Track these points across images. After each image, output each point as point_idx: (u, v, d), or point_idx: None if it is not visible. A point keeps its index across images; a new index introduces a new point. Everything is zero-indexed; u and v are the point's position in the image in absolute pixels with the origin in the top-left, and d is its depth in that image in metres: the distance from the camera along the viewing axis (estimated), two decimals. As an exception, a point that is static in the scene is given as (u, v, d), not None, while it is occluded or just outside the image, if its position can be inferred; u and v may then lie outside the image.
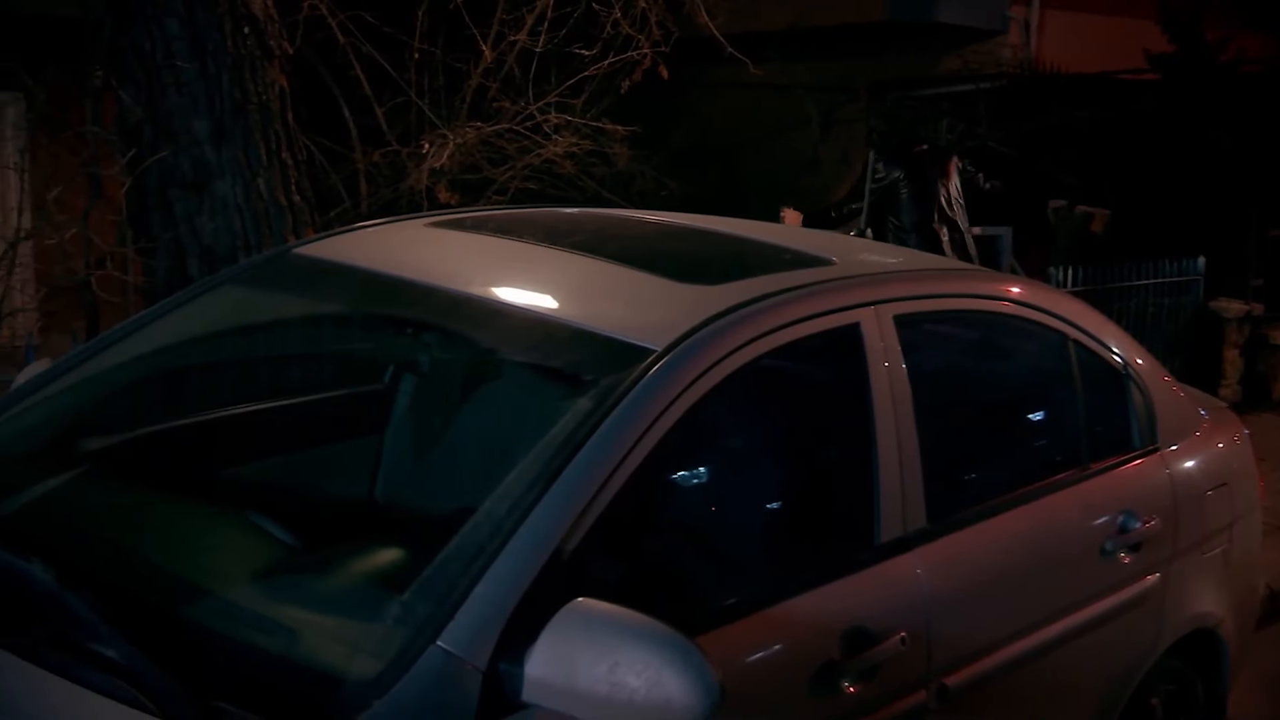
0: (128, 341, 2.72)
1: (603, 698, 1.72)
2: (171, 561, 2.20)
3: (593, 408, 2.06)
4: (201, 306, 2.81)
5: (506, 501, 1.95)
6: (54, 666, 1.77)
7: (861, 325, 2.47)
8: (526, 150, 6.91)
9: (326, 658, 1.86)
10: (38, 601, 1.92)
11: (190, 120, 4.59)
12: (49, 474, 2.50)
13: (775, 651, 2.15)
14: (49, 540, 2.16)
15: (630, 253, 2.73)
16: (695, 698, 1.70)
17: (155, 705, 1.70)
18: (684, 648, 1.74)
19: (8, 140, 7.01)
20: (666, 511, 2.35)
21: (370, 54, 6.51)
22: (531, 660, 1.76)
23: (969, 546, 2.54)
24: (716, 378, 2.18)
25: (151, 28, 4.50)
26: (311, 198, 5.16)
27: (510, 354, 2.54)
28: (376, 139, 6.92)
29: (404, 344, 3.02)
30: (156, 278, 4.76)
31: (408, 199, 6.69)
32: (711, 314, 2.26)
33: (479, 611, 1.80)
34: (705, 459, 2.42)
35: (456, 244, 2.87)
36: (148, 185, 4.71)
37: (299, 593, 2.11)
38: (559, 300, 2.44)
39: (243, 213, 4.74)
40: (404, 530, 2.61)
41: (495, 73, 6.79)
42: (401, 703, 1.71)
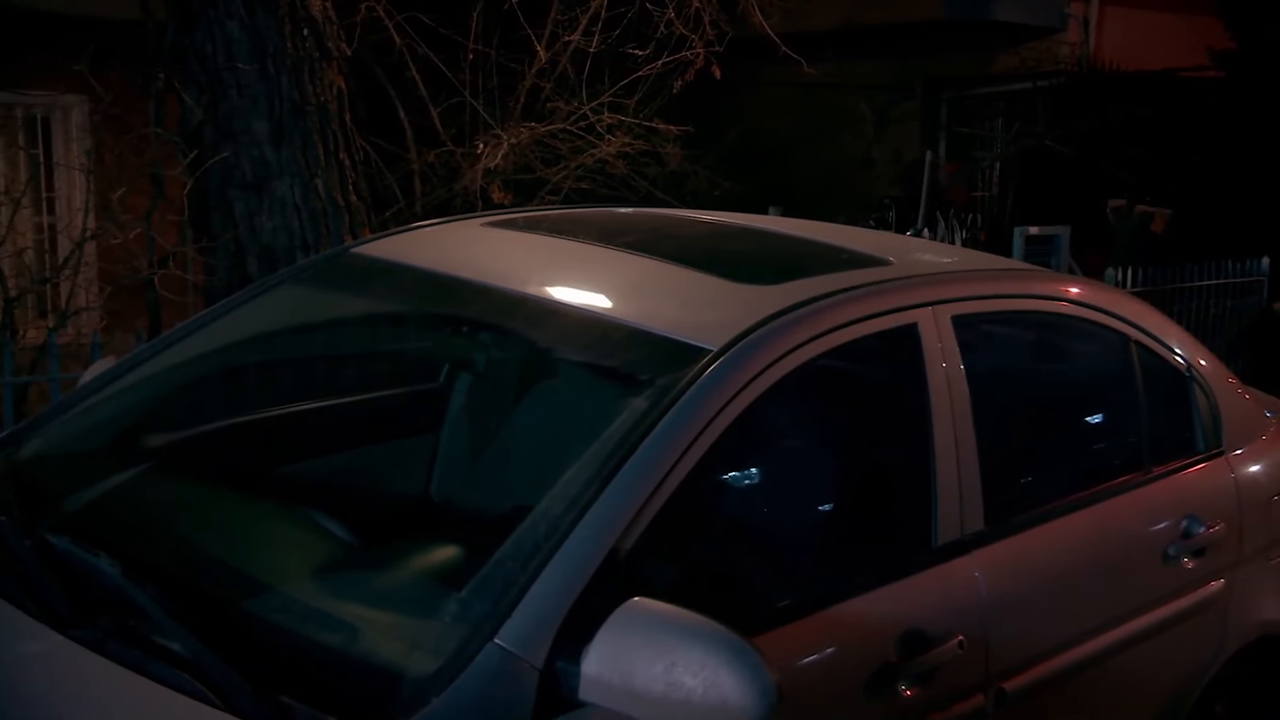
0: (190, 340, 2.76)
1: (659, 697, 1.72)
2: (233, 556, 2.23)
3: (648, 408, 2.06)
4: (262, 305, 2.84)
5: (563, 501, 1.95)
6: (121, 659, 1.80)
7: (919, 326, 2.45)
8: (579, 150, 6.94)
9: (385, 654, 1.87)
10: (104, 595, 1.95)
11: (250, 121, 4.67)
12: (115, 470, 2.54)
13: (830, 653, 2.14)
14: (115, 535, 2.20)
15: (686, 252, 2.73)
16: (752, 699, 1.70)
17: (219, 698, 1.72)
18: (740, 648, 1.73)
19: (73, 141, 7.16)
20: (721, 512, 2.35)
21: (426, 55, 6.57)
22: (588, 659, 1.76)
23: (1028, 550, 2.51)
24: (773, 378, 2.17)
25: (213, 30, 4.58)
26: (368, 198, 5.23)
27: (566, 353, 2.55)
28: (431, 139, 6.99)
29: (460, 343, 3.03)
30: (217, 277, 4.85)
31: (462, 199, 6.74)
32: (768, 314, 2.25)
33: (536, 610, 1.80)
34: (761, 460, 2.41)
35: (512, 244, 2.89)
36: (209, 186, 4.79)
37: (358, 589, 2.13)
38: (614, 300, 2.44)
39: (301, 212, 4.80)
40: (459, 528, 2.63)
41: (549, 73, 6.82)
42: (459, 699, 1.72)
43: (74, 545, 2.06)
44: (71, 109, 7.21)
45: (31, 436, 2.57)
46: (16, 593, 1.97)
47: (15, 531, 2.14)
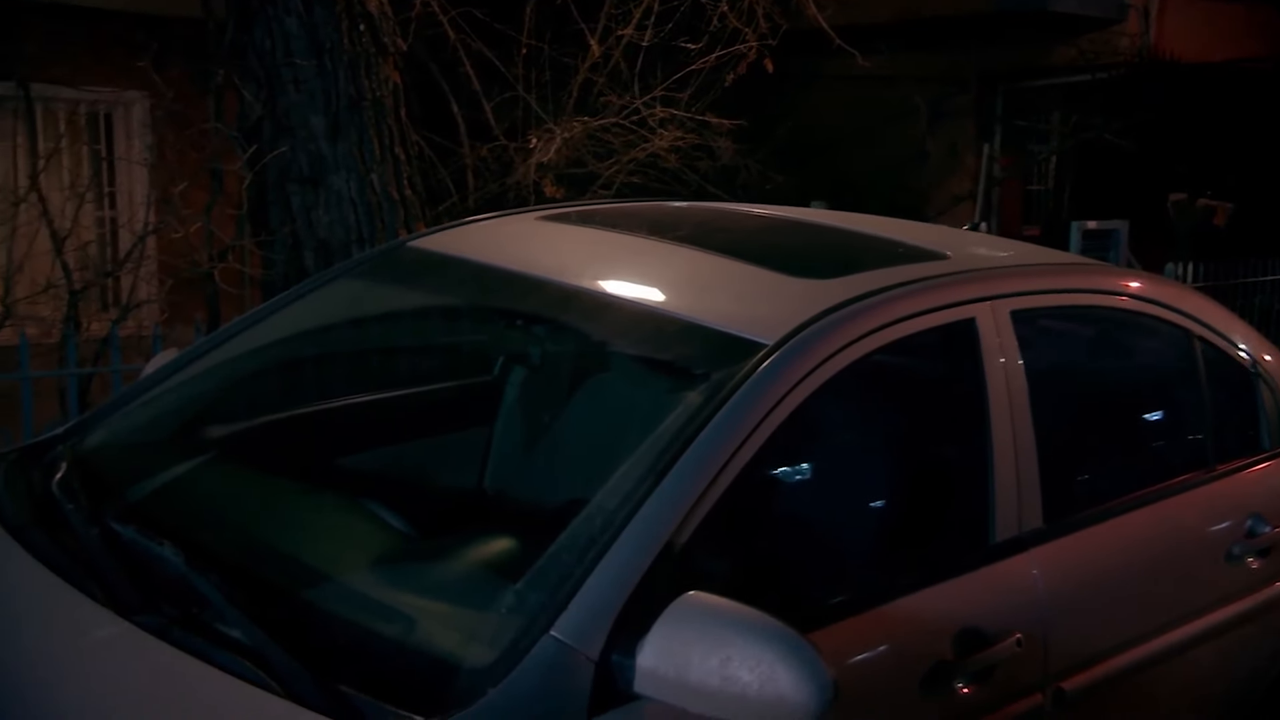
0: (250, 333, 2.80)
1: (714, 691, 1.72)
2: (292, 546, 2.26)
3: (703, 402, 2.06)
4: (319, 299, 2.88)
5: (618, 494, 1.96)
6: (185, 646, 1.83)
7: (977, 321, 2.43)
8: (631, 144, 6.94)
9: (442, 644, 1.89)
10: (168, 582, 1.98)
11: (307, 116, 4.72)
12: (177, 460, 2.58)
13: (886, 650, 2.12)
14: (178, 523, 2.23)
15: (740, 246, 2.72)
16: (808, 694, 1.69)
17: (281, 686, 1.74)
18: (797, 643, 1.72)
19: (134, 137, 7.27)
20: (776, 507, 2.34)
21: (479, 50, 6.60)
22: (643, 652, 1.76)
23: (1087, 548, 2.48)
24: (828, 373, 2.15)
25: (272, 26, 4.63)
26: (422, 192, 5.27)
27: (620, 347, 2.55)
28: (484, 134, 7.02)
29: (514, 336, 3.05)
30: (274, 270, 4.90)
31: (514, 193, 6.77)
32: (824, 308, 2.24)
33: (591, 602, 1.80)
34: (815, 455, 2.40)
35: (567, 237, 2.89)
36: (267, 180, 4.85)
37: (414, 580, 2.15)
38: (669, 294, 2.44)
39: (356, 206, 4.85)
40: (513, 520, 2.64)
41: (601, 67, 6.83)
42: (516, 691, 1.73)
43: (139, 533, 2.09)
44: (133, 105, 7.33)
45: (96, 427, 2.62)
46: (84, 579, 2.00)
47: (82, 520, 2.18)
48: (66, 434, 2.61)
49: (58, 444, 2.55)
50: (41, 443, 2.60)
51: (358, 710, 1.71)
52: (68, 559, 2.07)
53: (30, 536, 2.15)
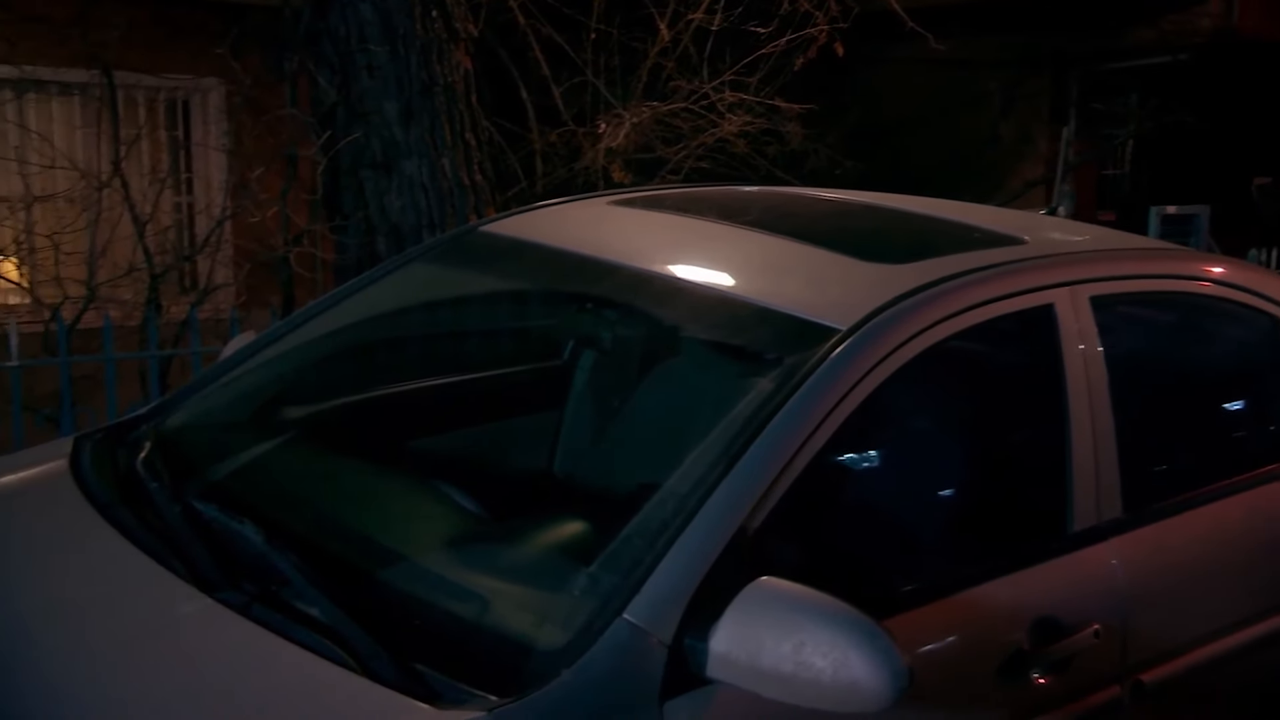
0: (325, 316, 2.84)
1: (787, 677, 1.71)
2: (368, 526, 2.29)
3: (776, 387, 2.05)
4: (393, 283, 2.91)
5: (690, 479, 1.96)
6: (265, 622, 1.86)
7: (1056, 307, 2.39)
8: (700, 129, 6.91)
9: (516, 625, 1.91)
10: (248, 560, 2.03)
11: (381, 102, 4.77)
12: (255, 440, 2.63)
13: (959, 639, 2.10)
14: (257, 502, 2.27)
15: (813, 230, 2.70)
16: (883, 681, 1.68)
17: (359, 664, 1.77)
18: (871, 630, 1.72)
19: (211, 123, 7.40)
20: (848, 494, 2.32)
21: (549, 35, 6.62)
22: (716, 636, 1.76)
23: (1169, 538, 2.43)
24: (903, 359, 2.13)
25: (346, 13, 4.69)
26: (492, 177, 5.30)
27: (692, 331, 2.55)
28: (553, 119, 7.04)
29: (584, 320, 3.06)
30: (347, 254, 4.97)
31: (582, 178, 6.78)
32: (898, 293, 2.21)
33: (664, 586, 1.81)
34: (889, 441, 2.38)
35: (638, 222, 2.89)
36: (340, 166, 4.91)
37: (488, 561, 2.17)
38: (741, 278, 2.43)
39: (428, 192, 4.90)
40: (583, 504, 2.65)
41: (671, 52, 6.81)
42: (589, 673, 1.74)
43: (220, 512, 2.14)
44: (210, 92, 7.45)
45: (178, 407, 2.68)
46: (168, 556, 2.05)
47: (166, 498, 2.23)
48: (150, 414, 2.68)
49: (141, 424, 2.61)
50: (125, 422, 2.67)
51: (433, 689, 1.73)
52: (152, 536, 2.12)
53: (117, 514, 2.20)
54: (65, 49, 5.33)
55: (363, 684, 1.75)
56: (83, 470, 2.39)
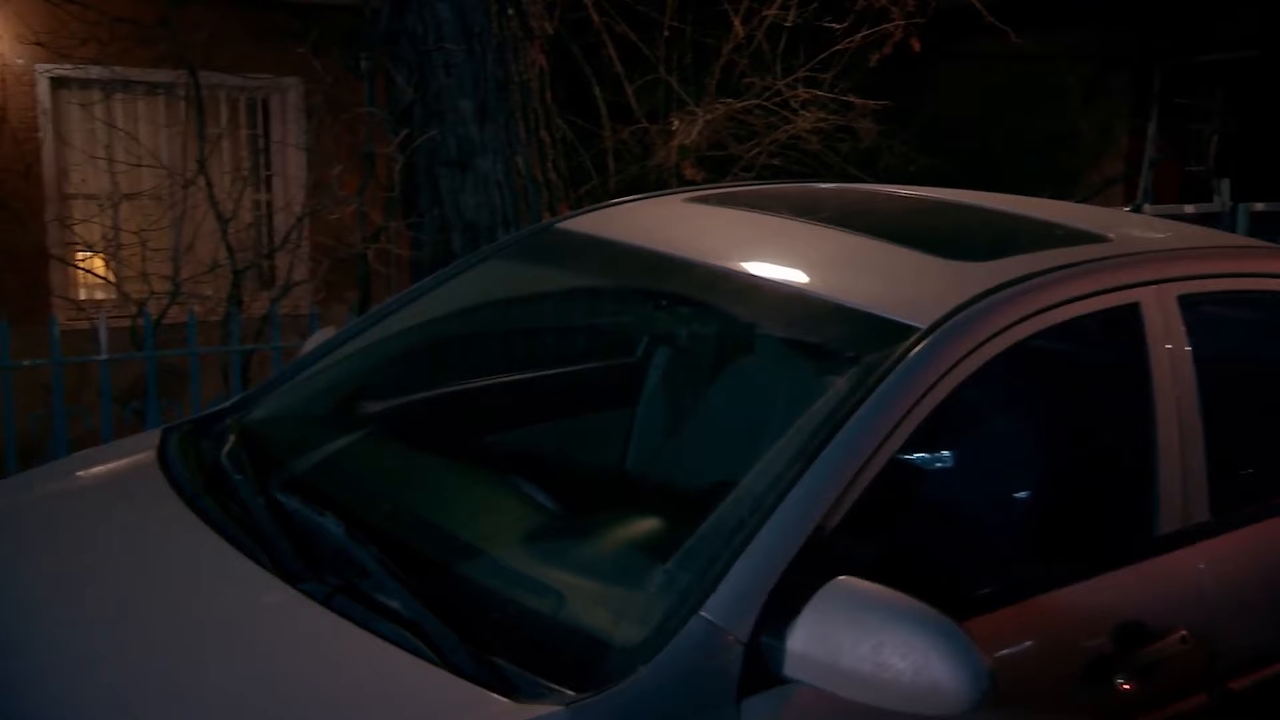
0: (403, 312, 2.87)
1: (866, 677, 1.70)
2: (445, 520, 2.32)
3: (854, 385, 2.03)
4: (470, 280, 2.94)
5: (767, 477, 1.95)
6: (346, 613, 1.89)
7: (1142, 306, 2.34)
8: (772, 126, 6.88)
9: (592, 621, 1.91)
10: (329, 552, 2.06)
11: (457, 100, 4.82)
12: (335, 434, 2.67)
13: (1043, 642, 2.07)
14: (337, 495, 2.31)
15: (890, 228, 2.67)
16: (964, 683, 1.66)
17: (438, 656, 1.79)
18: (952, 632, 1.70)
19: (290, 122, 7.53)
20: (926, 494, 2.30)
21: (622, 32, 6.63)
22: (793, 636, 1.75)
23: (1259, 543, 2.37)
24: (983, 358, 2.10)
25: (424, 12, 4.74)
26: (565, 174, 5.32)
27: (768, 329, 2.54)
28: (625, 116, 7.05)
29: (658, 318, 3.06)
30: (422, 251, 5.02)
31: (654, 175, 6.79)
32: (979, 291, 2.18)
33: (741, 584, 1.80)
34: (968, 442, 2.35)
35: (714, 219, 2.89)
36: (416, 163, 4.96)
37: (564, 557, 2.18)
38: (818, 276, 2.41)
39: (503, 189, 4.93)
40: (655, 501, 2.65)
41: (744, 48, 6.78)
42: (666, 669, 1.74)
43: (302, 504, 2.17)
44: (289, 91, 7.58)
45: (261, 401, 2.73)
46: (252, 546, 2.09)
47: (250, 490, 2.27)
48: (233, 408, 2.73)
49: (226, 417, 2.66)
50: (210, 415, 2.72)
51: (511, 682, 1.75)
52: (237, 527, 2.17)
53: (203, 504, 2.25)
54: (152, 50, 5.45)
55: (442, 676, 1.76)
56: (170, 461, 2.45)
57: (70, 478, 2.60)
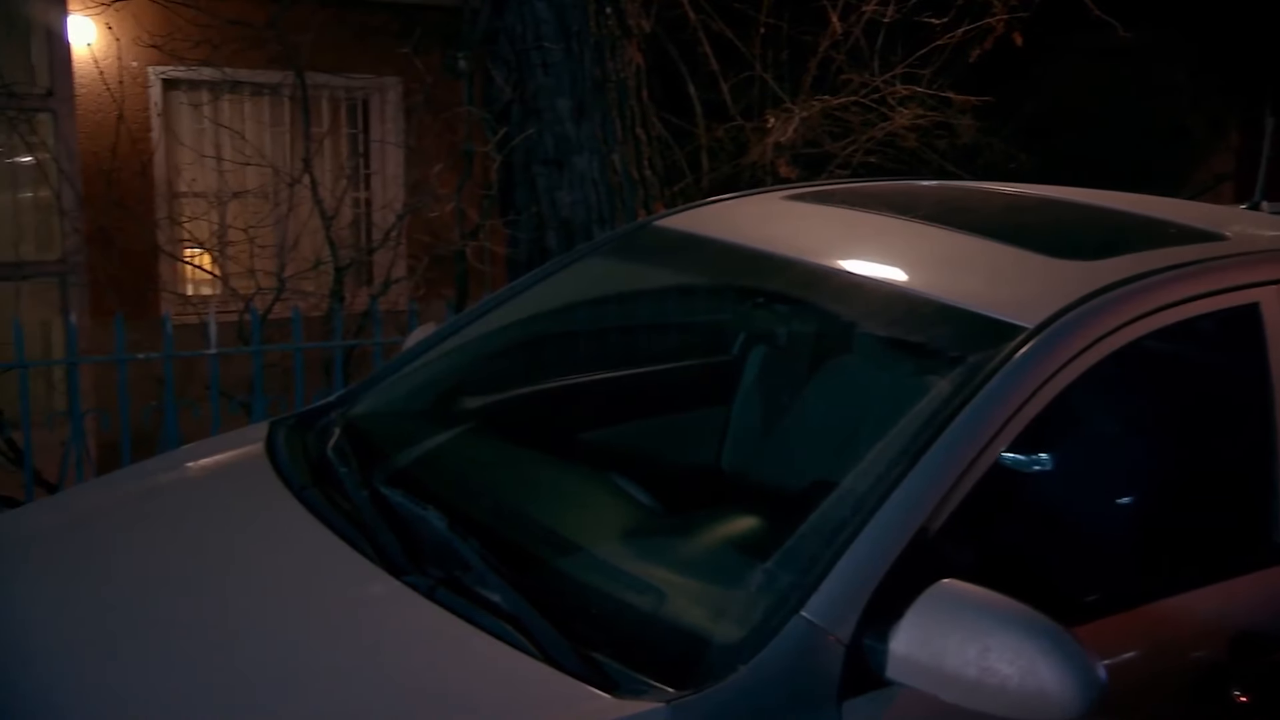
0: (503, 309, 2.91)
1: (971, 682, 1.67)
2: (545, 515, 2.34)
3: (959, 386, 2.00)
4: (569, 277, 2.96)
5: (869, 477, 1.93)
6: (449, 606, 1.92)
7: (1261, 306, 2.26)
8: (869, 123, 6.80)
9: (692, 619, 1.91)
10: (432, 545, 2.09)
11: (554, 99, 4.85)
12: (436, 429, 2.72)
13: (1150, 651, 2.02)
14: (439, 489, 2.34)
15: (993, 225, 2.62)
16: (1073, 690, 1.63)
17: (539, 650, 1.81)
18: (1061, 637, 1.66)
19: (389, 121, 7.66)
20: (1032, 497, 2.25)
21: (718, 30, 6.61)
22: (896, 638, 1.74)
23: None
24: (1093, 359, 2.06)
25: (523, 11, 4.78)
26: (661, 172, 5.32)
27: (868, 328, 2.51)
28: (720, 114, 7.03)
29: (755, 315, 3.05)
30: (518, 249, 5.07)
31: (749, 173, 6.76)
32: (1088, 291, 2.13)
33: (843, 585, 1.79)
34: (1076, 445, 2.30)
35: (812, 216, 2.87)
36: (513, 162, 5.01)
37: (662, 554, 2.19)
38: (919, 274, 2.38)
39: (598, 187, 4.95)
40: (751, 499, 2.65)
41: (841, 45, 6.72)
42: (766, 669, 1.73)
43: (405, 498, 2.21)
44: (388, 91, 7.71)
45: (364, 395, 2.78)
46: (357, 538, 2.13)
47: (354, 483, 2.32)
48: (338, 402, 2.79)
49: (331, 411, 2.72)
50: (315, 409, 2.78)
51: (611, 678, 1.76)
52: (343, 519, 2.21)
53: (309, 496, 2.30)
54: (260, 52, 5.59)
55: (544, 670, 1.78)
56: (278, 454, 2.51)
57: (184, 468, 2.68)
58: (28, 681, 1.90)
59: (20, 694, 1.87)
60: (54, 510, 2.64)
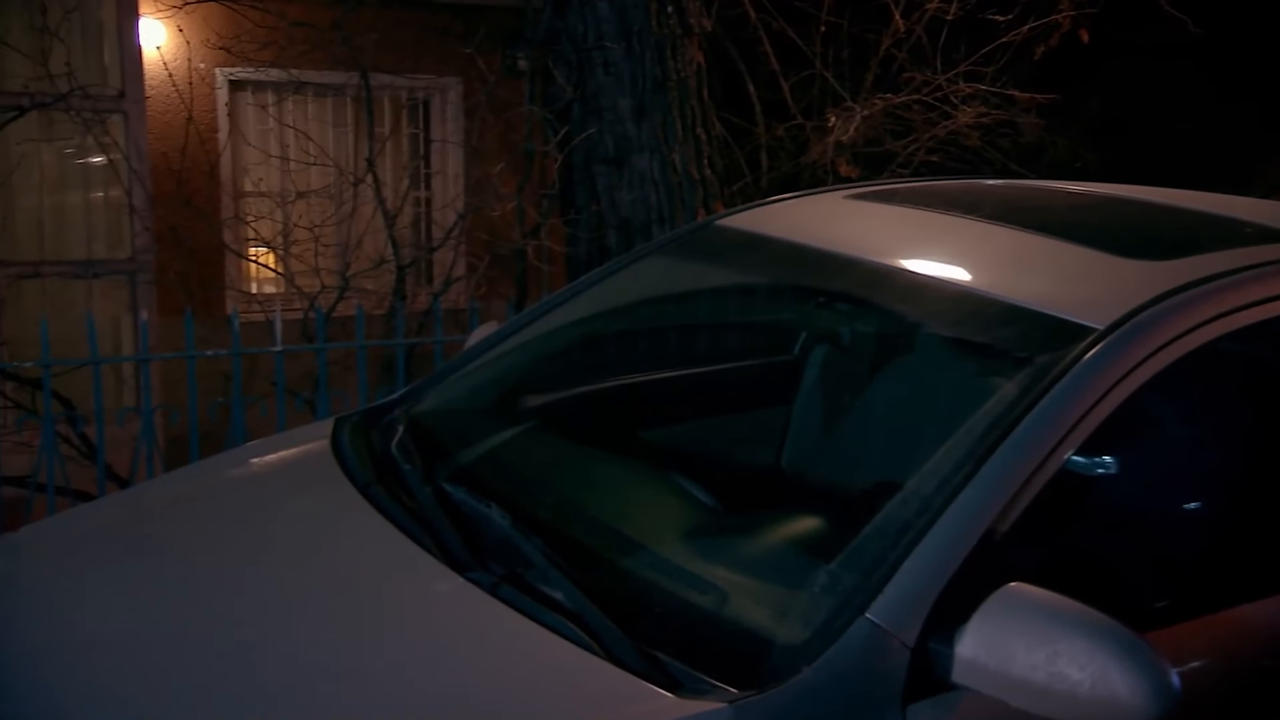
0: (565, 307, 2.92)
1: (1040, 687, 1.65)
2: (606, 514, 2.34)
3: (1027, 387, 1.98)
4: (631, 276, 2.96)
5: (935, 478, 1.91)
6: (512, 603, 1.93)
7: None
8: (931, 122, 6.74)
9: (755, 620, 1.91)
10: (495, 542, 2.10)
11: (615, 98, 4.86)
12: (498, 426, 2.73)
13: (1224, 659, 1.98)
14: (501, 487, 2.35)
15: (1063, 225, 2.59)
16: (1146, 698, 1.60)
17: (601, 648, 1.81)
18: (1133, 643, 1.63)
19: (449, 121, 7.72)
20: (1101, 501, 2.21)
21: (779, 29, 6.59)
22: (963, 641, 1.71)
23: None
24: (1165, 360, 2.02)
25: (585, 11, 4.80)
26: (721, 172, 5.31)
27: (933, 328, 2.48)
28: (779, 113, 7.01)
29: (817, 315, 3.03)
30: (578, 248, 5.09)
31: (808, 173, 6.73)
32: (1161, 291, 2.09)
33: (908, 587, 1.77)
34: (1147, 448, 2.25)
35: (875, 216, 2.84)
36: (574, 161, 5.03)
37: (724, 553, 2.18)
38: (986, 274, 2.35)
39: (658, 186, 4.96)
40: (813, 500, 2.63)
41: (903, 42, 6.67)
42: (830, 671, 1.72)
43: (468, 495, 2.23)
44: (448, 91, 7.78)
45: (427, 393, 2.81)
46: (421, 535, 2.15)
47: (418, 480, 2.34)
48: (401, 399, 2.81)
49: (394, 408, 2.75)
50: (379, 406, 2.81)
51: (673, 677, 1.75)
52: (407, 515, 2.23)
53: (374, 492, 2.33)
54: (325, 53, 5.66)
55: (606, 668, 1.78)
56: (343, 450, 2.53)
57: (251, 464, 2.72)
58: (101, 670, 1.93)
59: (94, 682, 1.91)
60: (125, 505, 2.69)
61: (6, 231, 6.20)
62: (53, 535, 2.50)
